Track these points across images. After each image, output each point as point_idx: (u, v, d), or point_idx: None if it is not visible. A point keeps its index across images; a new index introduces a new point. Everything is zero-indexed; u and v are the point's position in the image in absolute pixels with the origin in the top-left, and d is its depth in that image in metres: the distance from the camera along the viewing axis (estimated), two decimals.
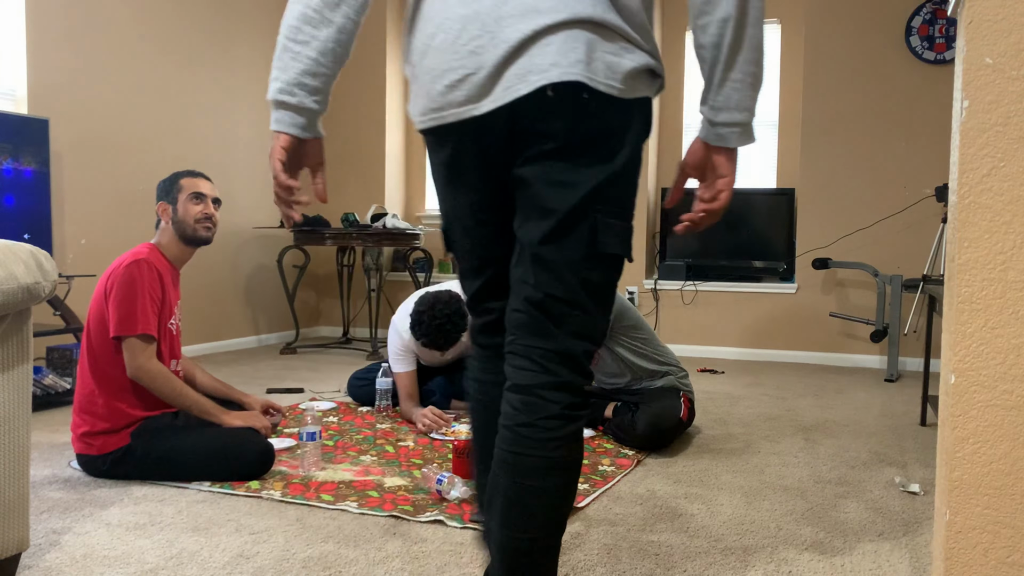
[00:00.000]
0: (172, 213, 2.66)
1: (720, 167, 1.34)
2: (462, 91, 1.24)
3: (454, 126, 1.27)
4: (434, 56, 1.26)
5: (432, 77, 1.27)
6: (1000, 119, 1.19)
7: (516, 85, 1.20)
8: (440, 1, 1.26)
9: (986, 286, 1.20)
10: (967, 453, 1.22)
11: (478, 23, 1.21)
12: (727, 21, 1.25)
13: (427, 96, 1.28)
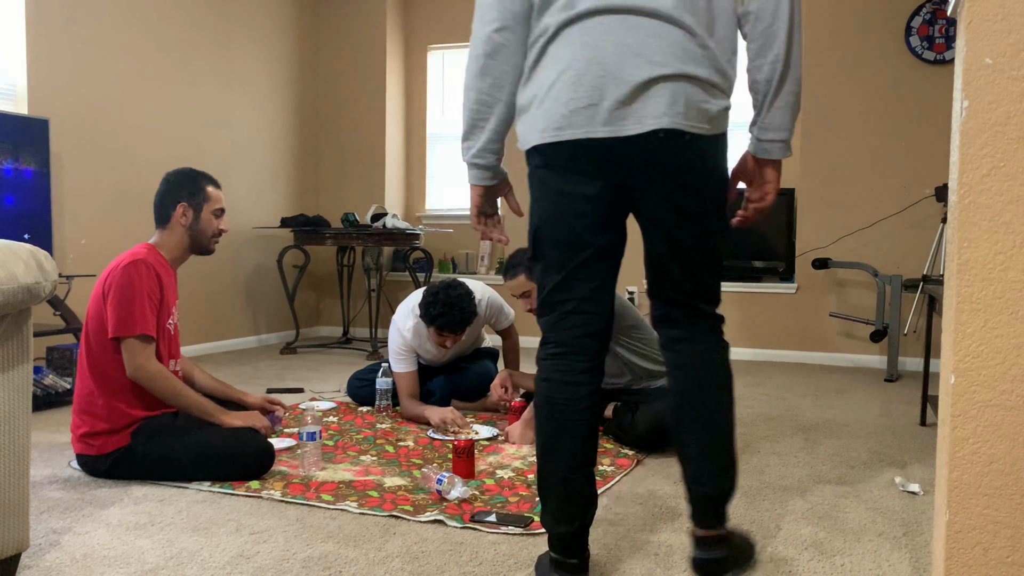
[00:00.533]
0: (193, 220, 2.64)
1: (767, 175, 1.71)
2: (583, 116, 1.57)
3: (570, 143, 1.59)
4: (560, 87, 1.58)
5: (557, 104, 1.59)
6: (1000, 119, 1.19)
7: (632, 125, 1.56)
8: (568, 46, 1.59)
9: (986, 286, 1.20)
10: (967, 453, 1.22)
11: (602, 66, 1.55)
12: (776, 61, 1.61)
13: (549, 118, 1.60)
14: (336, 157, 6.44)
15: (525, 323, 4.97)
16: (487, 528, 2.11)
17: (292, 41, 6.10)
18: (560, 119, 1.58)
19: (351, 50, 6.33)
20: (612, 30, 1.55)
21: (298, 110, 6.19)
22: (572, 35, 1.59)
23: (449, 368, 3.61)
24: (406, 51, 6.49)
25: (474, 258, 6.28)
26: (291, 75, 6.10)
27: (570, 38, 1.59)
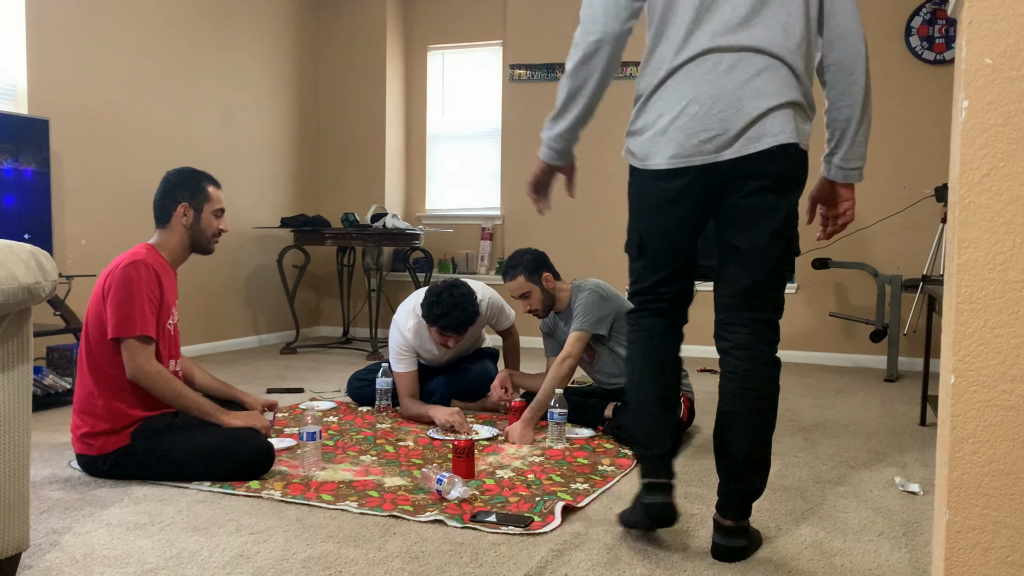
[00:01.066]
0: (194, 220, 2.64)
1: (846, 197, 2.03)
2: (712, 145, 1.85)
3: (697, 167, 1.87)
4: (687, 120, 1.85)
5: (686, 135, 1.86)
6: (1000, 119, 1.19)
7: (753, 144, 1.84)
8: (691, 79, 1.85)
9: (986, 286, 1.20)
10: (967, 453, 1.22)
11: (725, 100, 1.83)
12: (855, 104, 1.89)
13: (678, 146, 1.87)
14: (336, 157, 6.44)
15: (525, 324, 4.97)
16: (487, 528, 2.11)
17: (292, 41, 6.10)
18: (691, 148, 1.86)
19: (351, 50, 6.33)
20: (732, 68, 1.83)
21: (298, 110, 6.19)
22: (694, 71, 1.86)
23: (449, 368, 3.61)
24: (406, 51, 6.49)
25: (474, 258, 6.29)
26: (291, 75, 6.10)
27: (691, 73, 1.86)
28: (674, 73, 1.88)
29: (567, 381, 3.09)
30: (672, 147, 1.88)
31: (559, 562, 1.92)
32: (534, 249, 3.31)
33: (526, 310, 3.26)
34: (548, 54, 5.84)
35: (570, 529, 2.14)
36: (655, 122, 1.90)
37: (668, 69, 1.88)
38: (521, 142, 5.95)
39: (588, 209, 5.77)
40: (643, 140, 1.93)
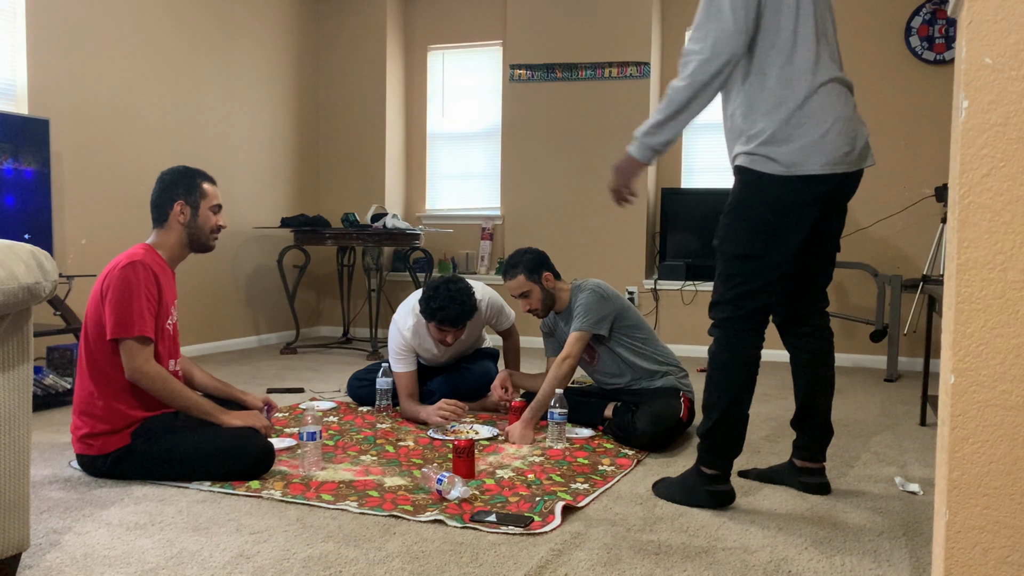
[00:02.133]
0: (191, 217, 2.64)
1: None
2: (850, 158, 2.21)
3: (839, 175, 2.21)
4: (835, 135, 2.18)
5: (835, 147, 2.18)
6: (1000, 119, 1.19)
7: (864, 162, 2.27)
8: (830, 100, 2.19)
9: (986, 286, 1.20)
10: (967, 453, 1.22)
11: (853, 123, 2.23)
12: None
13: (830, 155, 2.18)
14: (336, 157, 6.44)
15: (525, 324, 4.97)
16: (487, 528, 2.11)
17: (292, 41, 6.10)
18: (839, 158, 2.19)
19: (351, 50, 6.33)
20: (847, 97, 2.24)
21: (298, 110, 6.19)
22: (830, 93, 2.19)
23: (449, 368, 3.61)
24: (406, 51, 6.49)
25: (474, 258, 6.29)
26: (291, 75, 6.10)
27: (829, 95, 2.19)
28: (814, 94, 2.17)
29: (567, 381, 3.09)
30: (825, 156, 2.17)
31: (559, 562, 1.92)
32: (534, 249, 3.30)
33: (525, 309, 3.26)
34: (548, 54, 5.84)
35: (570, 529, 2.14)
36: (805, 134, 2.17)
37: (807, 90, 2.17)
38: (521, 142, 5.95)
39: (588, 209, 5.77)
40: (792, 149, 2.17)
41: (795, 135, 2.17)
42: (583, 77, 5.77)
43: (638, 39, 5.62)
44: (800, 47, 2.17)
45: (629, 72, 5.66)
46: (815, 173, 2.17)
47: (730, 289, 2.31)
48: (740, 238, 2.26)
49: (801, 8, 2.17)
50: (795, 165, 2.17)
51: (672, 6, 5.81)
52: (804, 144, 2.16)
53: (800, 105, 2.17)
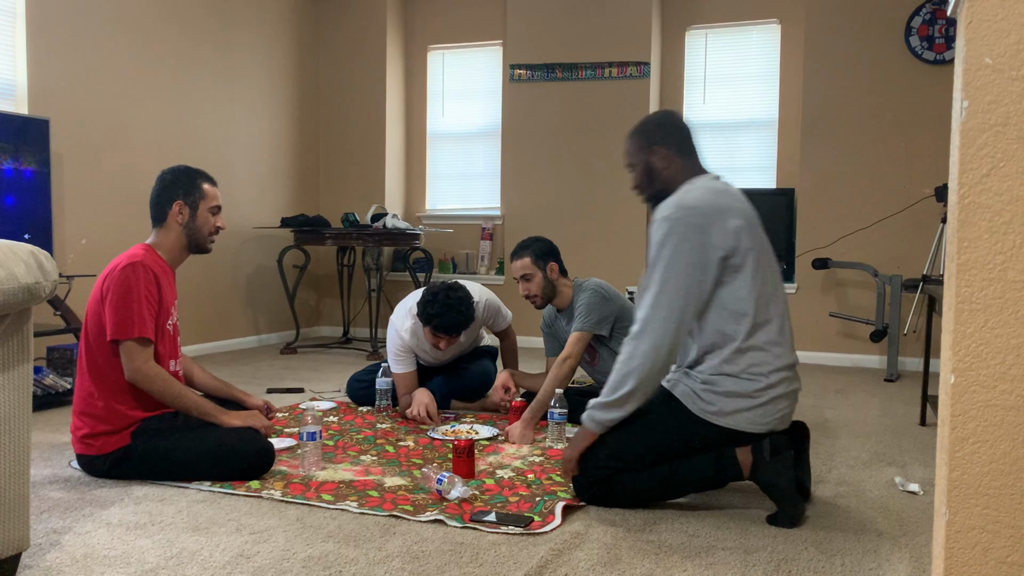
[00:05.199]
0: (190, 218, 2.63)
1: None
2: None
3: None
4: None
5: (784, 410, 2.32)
6: (1000, 119, 1.19)
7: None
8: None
9: (986, 286, 1.20)
10: (967, 453, 1.22)
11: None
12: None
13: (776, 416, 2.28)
14: (336, 157, 6.44)
15: (523, 324, 4.97)
16: (487, 528, 2.11)
17: (292, 41, 6.10)
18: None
19: (351, 50, 6.33)
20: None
21: (298, 110, 6.19)
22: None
23: (449, 368, 3.61)
24: (406, 51, 6.49)
25: (474, 258, 6.29)
26: (291, 75, 6.10)
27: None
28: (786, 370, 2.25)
29: (567, 381, 3.09)
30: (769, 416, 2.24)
31: (559, 562, 1.92)
32: (548, 239, 3.32)
33: (523, 293, 3.25)
34: (548, 54, 5.84)
35: (570, 529, 2.14)
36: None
37: (783, 368, 2.24)
38: (521, 142, 5.95)
39: (588, 209, 5.77)
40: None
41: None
42: (583, 77, 5.77)
43: (638, 39, 5.63)
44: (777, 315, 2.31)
45: (629, 72, 5.66)
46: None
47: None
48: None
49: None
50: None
51: (672, 6, 5.82)
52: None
53: (774, 376, 2.27)
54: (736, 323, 2.19)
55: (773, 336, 2.22)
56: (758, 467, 2.23)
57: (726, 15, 5.68)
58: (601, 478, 2.28)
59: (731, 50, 5.73)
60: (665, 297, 2.13)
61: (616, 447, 2.28)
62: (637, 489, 2.30)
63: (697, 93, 5.81)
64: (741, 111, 5.72)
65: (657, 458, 2.29)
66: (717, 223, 2.15)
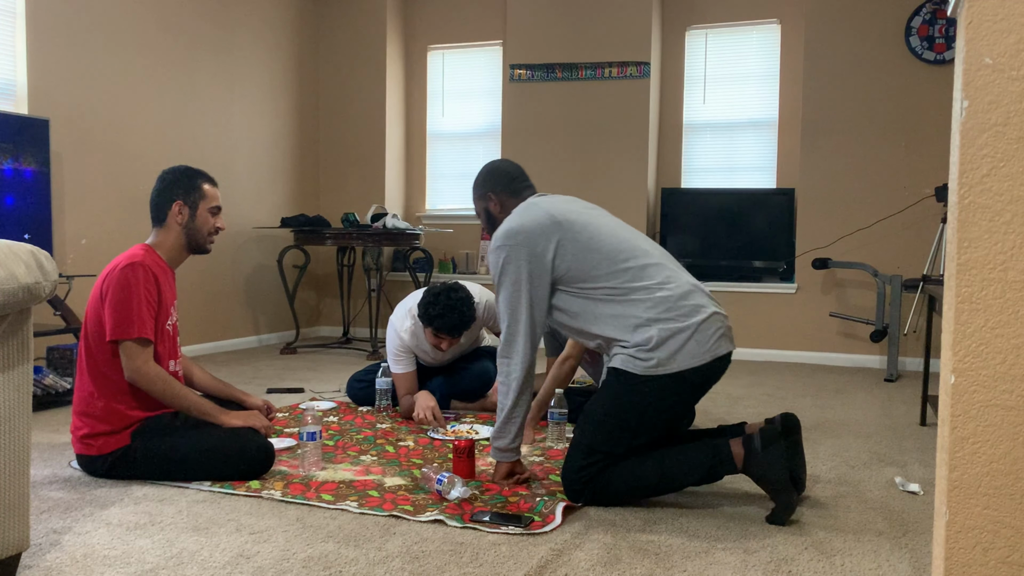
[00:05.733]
0: (189, 218, 2.63)
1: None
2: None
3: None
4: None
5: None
6: (1000, 119, 1.19)
7: None
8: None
9: (986, 286, 1.20)
10: (967, 453, 1.22)
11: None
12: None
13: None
14: (336, 157, 6.44)
15: None
16: (487, 528, 2.11)
17: (292, 41, 6.10)
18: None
19: (351, 50, 6.33)
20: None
21: (298, 110, 6.19)
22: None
23: (448, 368, 3.61)
24: (406, 51, 6.49)
25: (474, 258, 6.29)
26: (291, 75, 6.10)
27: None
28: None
29: (567, 381, 3.09)
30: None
31: (559, 562, 1.92)
32: None
33: None
34: (548, 54, 5.84)
35: (570, 529, 2.14)
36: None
37: (682, 296, 2.37)
38: (521, 142, 5.95)
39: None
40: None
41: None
42: (583, 77, 5.77)
43: (638, 39, 5.62)
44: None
45: (629, 72, 5.66)
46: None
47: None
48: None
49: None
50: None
51: (672, 6, 5.82)
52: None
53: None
54: (620, 299, 2.32)
55: (658, 280, 2.33)
56: (750, 459, 2.24)
57: (726, 15, 5.68)
58: (589, 478, 2.29)
59: (731, 50, 5.73)
60: (516, 315, 2.35)
61: (590, 441, 2.31)
62: (630, 482, 2.29)
63: (697, 93, 5.81)
64: (741, 111, 5.72)
65: (633, 436, 2.30)
66: (538, 235, 2.35)
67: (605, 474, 2.29)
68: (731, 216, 5.54)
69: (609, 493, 2.30)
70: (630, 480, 2.30)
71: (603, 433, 2.31)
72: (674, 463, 2.30)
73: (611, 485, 2.29)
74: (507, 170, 2.62)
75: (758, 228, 5.52)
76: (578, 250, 2.35)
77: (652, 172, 5.82)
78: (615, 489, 2.30)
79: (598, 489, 2.30)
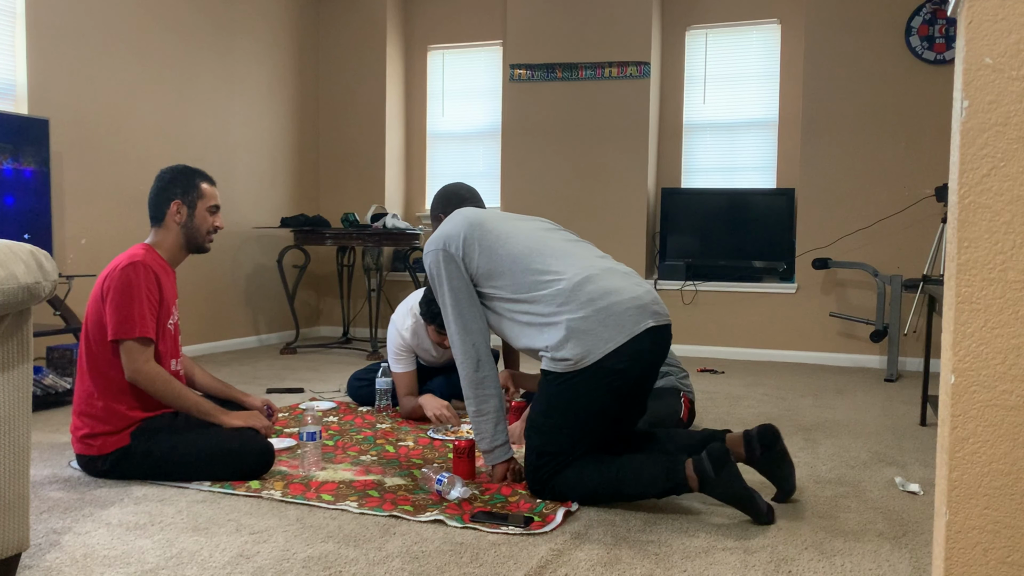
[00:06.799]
0: (188, 217, 2.63)
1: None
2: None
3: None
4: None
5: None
6: (1000, 119, 1.19)
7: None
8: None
9: (986, 286, 1.20)
10: (967, 453, 1.22)
11: None
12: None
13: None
14: (336, 157, 6.44)
15: None
16: (487, 528, 2.11)
17: (292, 41, 6.10)
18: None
19: (351, 50, 6.33)
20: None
21: (298, 110, 6.19)
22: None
23: (449, 368, 3.61)
24: (406, 51, 6.49)
25: None
26: (291, 75, 6.10)
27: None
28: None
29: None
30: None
31: (559, 562, 1.92)
32: None
33: None
34: (548, 54, 5.84)
35: (570, 529, 2.14)
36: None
37: (582, 282, 2.40)
38: (521, 142, 5.95)
39: (588, 209, 5.77)
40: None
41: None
42: (583, 77, 5.77)
43: (638, 39, 5.62)
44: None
45: (629, 72, 5.66)
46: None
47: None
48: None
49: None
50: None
51: (672, 6, 5.82)
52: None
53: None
54: (525, 299, 2.35)
55: (556, 271, 2.35)
56: (705, 485, 2.17)
57: (726, 15, 5.68)
58: (546, 477, 2.30)
59: (731, 50, 5.73)
60: (448, 316, 2.43)
61: (538, 443, 2.32)
62: (589, 488, 2.29)
63: (697, 93, 5.81)
64: (741, 111, 5.72)
65: (575, 434, 2.30)
66: (451, 236, 2.43)
67: (562, 475, 2.29)
68: (731, 216, 5.54)
69: (570, 497, 2.31)
70: (588, 486, 2.30)
71: (545, 435, 2.32)
72: (631, 476, 2.26)
73: (571, 490, 2.30)
74: (456, 191, 2.75)
75: (758, 228, 5.52)
76: (483, 249, 2.41)
77: (652, 172, 5.82)
78: (575, 494, 2.30)
79: (557, 491, 2.30)
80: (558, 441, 2.31)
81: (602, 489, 2.28)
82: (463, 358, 2.41)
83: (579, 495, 2.30)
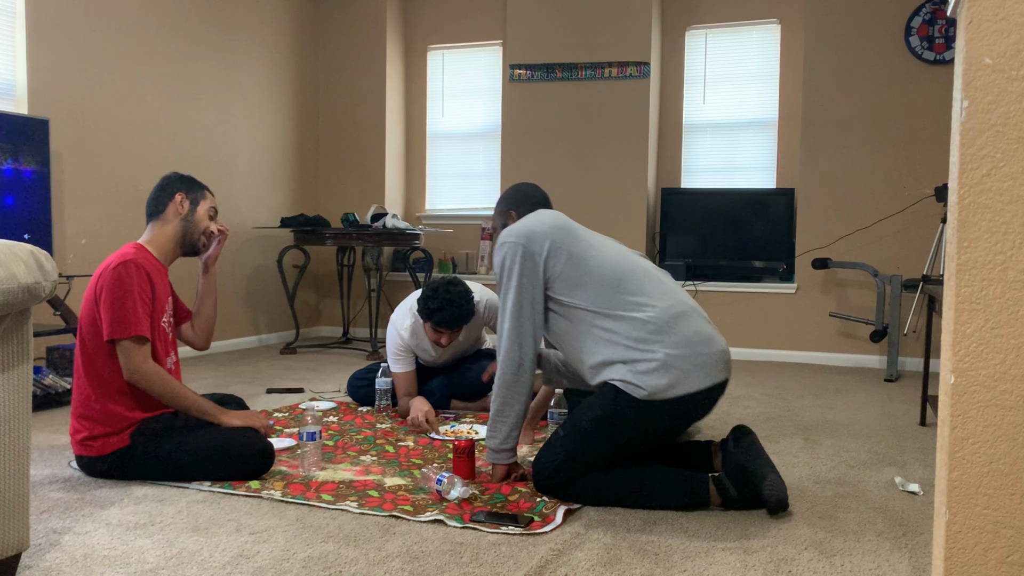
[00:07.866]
0: (190, 211, 2.66)
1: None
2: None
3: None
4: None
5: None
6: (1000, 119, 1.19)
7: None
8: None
9: (986, 286, 1.20)
10: (967, 453, 1.22)
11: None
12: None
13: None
14: (336, 157, 6.44)
15: None
16: (487, 528, 2.11)
17: (292, 41, 6.10)
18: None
19: (351, 50, 6.33)
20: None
21: (298, 110, 6.19)
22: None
23: (449, 368, 3.61)
24: (406, 51, 6.49)
25: (474, 258, 6.29)
26: (291, 75, 6.10)
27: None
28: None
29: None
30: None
31: (559, 562, 1.92)
32: None
33: None
34: (548, 54, 5.84)
35: (570, 529, 2.14)
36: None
37: (671, 319, 2.40)
38: (521, 142, 5.95)
39: (588, 209, 5.77)
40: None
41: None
42: (583, 77, 5.77)
43: (638, 39, 5.62)
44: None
45: (629, 72, 5.66)
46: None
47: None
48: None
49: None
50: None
51: (672, 6, 5.82)
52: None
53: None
54: (613, 315, 2.32)
55: (655, 299, 2.34)
56: (728, 504, 2.30)
57: (726, 15, 5.68)
58: (566, 480, 2.30)
59: (731, 50, 5.73)
60: (507, 312, 2.38)
61: (573, 448, 2.31)
62: (608, 496, 2.30)
63: (697, 93, 5.81)
64: (741, 111, 5.72)
65: (617, 452, 2.32)
66: (536, 235, 2.40)
67: (581, 480, 2.30)
68: (731, 216, 5.54)
69: (583, 499, 2.31)
70: (608, 494, 2.30)
71: (587, 444, 2.31)
72: (651, 493, 2.30)
73: (587, 494, 2.30)
74: (532, 192, 2.71)
75: (758, 228, 5.52)
76: (572, 256, 2.38)
77: (652, 172, 5.82)
78: (592, 499, 2.31)
79: (572, 494, 2.31)
80: (597, 451, 2.31)
81: (624, 500, 2.31)
82: (506, 357, 2.37)
83: (597, 501, 2.31)
